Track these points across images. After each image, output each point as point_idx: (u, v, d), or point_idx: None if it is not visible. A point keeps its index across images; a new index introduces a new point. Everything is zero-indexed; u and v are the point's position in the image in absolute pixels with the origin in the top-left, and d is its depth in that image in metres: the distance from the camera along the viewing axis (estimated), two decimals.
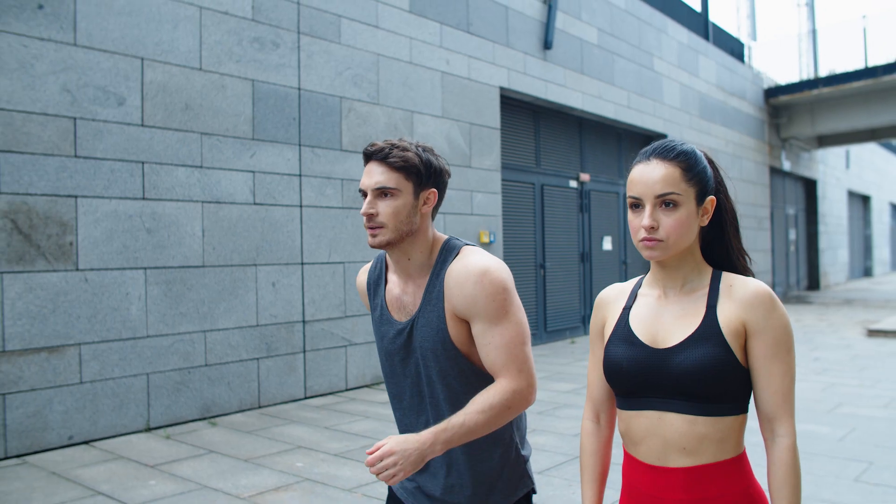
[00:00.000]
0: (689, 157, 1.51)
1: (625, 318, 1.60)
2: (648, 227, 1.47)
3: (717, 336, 1.47)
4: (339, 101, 6.91)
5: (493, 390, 1.72)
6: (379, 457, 1.59)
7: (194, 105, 5.80)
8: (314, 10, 6.70)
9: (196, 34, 5.83)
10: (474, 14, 8.53)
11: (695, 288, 1.55)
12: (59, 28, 5.06)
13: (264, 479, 4.39)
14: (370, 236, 1.78)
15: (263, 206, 6.25)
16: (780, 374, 1.46)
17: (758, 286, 1.49)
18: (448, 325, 1.78)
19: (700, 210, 1.52)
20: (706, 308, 1.50)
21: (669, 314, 1.54)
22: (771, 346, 1.46)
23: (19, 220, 4.85)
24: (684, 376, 1.46)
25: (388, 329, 1.88)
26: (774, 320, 1.47)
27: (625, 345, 1.56)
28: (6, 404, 4.78)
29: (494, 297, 1.72)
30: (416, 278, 1.85)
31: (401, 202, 1.75)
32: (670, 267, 1.56)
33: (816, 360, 8.76)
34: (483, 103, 8.60)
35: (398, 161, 1.73)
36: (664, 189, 1.46)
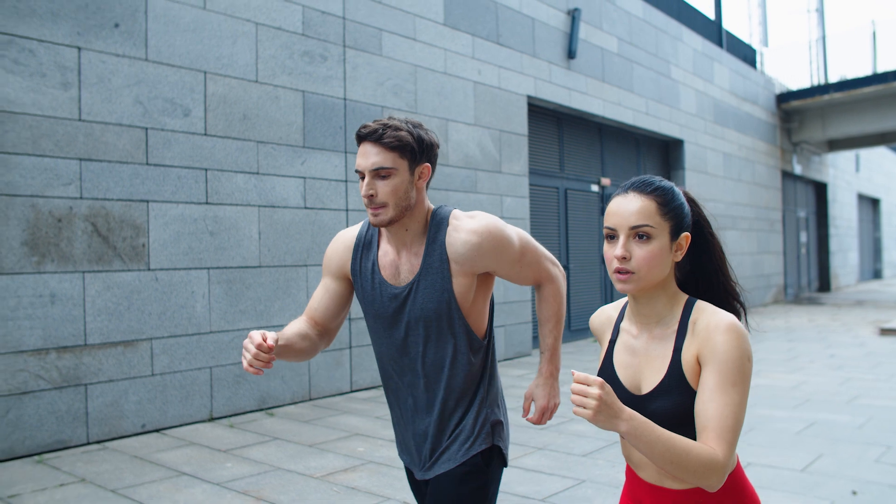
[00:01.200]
0: (666, 192, 1.55)
1: (609, 356, 1.67)
2: (620, 256, 1.50)
3: (681, 384, 1.50)
4: (381, 110, 7.29)
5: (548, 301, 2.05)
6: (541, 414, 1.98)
7: (251, 115, 6.18)
8: (358, 25, 7.09)
9: (252, 49, 6.21)
10: (503, 26, 8.91)
11: (666, 325, 1.58)
12: (132, 45, 5.45)
13: (331, 461, 4.76)
14: (372, 215, 1.84)
15: (313, 209, 6.63)
16: (721, 407, 1.43)
17: (718, 319, 1.49)
18: (454, 287, 1.89)
19: (674, 245, 1.54)
20: (672, 352, 1.54)
21: (644, 357, 1.59)
22: (716, 377, 1.44)
23: (98, 223, 5.24)
24: (658, 422, 1.49)
25: (383, 293, 1.95)
26: (724, 353, 1.45)
27: (610, 386, 1.60)
28: (88, 394, 5.16)
29: (506, 244, 1.90)
30: (412, 246, 1.93)
31: (398, 180, 1.82)
32: (643, 302, 1.59)
33: (832, 357, 9.09)
34: (512, 111, 8.97)
35: (392, 141, 1.79)
36: (638, 221, 1.50)
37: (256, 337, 1.73)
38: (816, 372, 8.06)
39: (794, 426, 5.64)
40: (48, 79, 5.02)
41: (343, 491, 4.19)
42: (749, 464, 4.67)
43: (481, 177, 8.48)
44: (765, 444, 5.11)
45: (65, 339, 5.05)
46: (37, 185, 4.94)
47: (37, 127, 4.95)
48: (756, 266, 16.15)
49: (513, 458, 4.76)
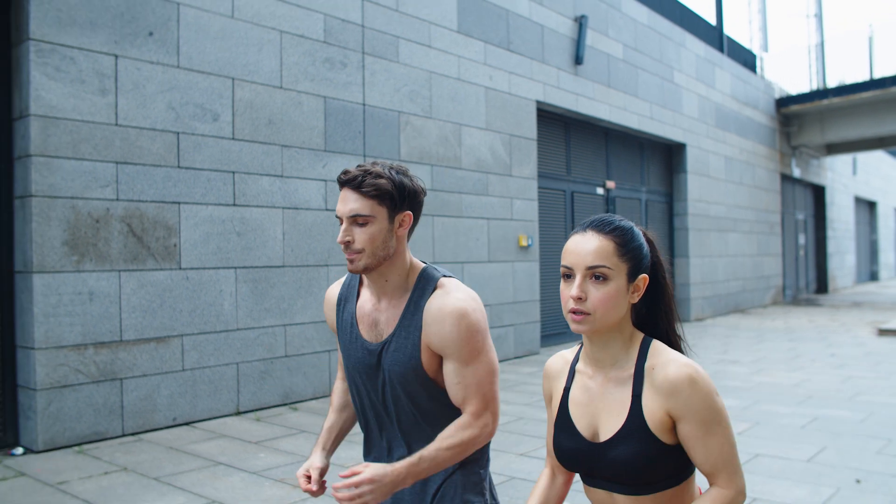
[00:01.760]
0: (625, 233, 1.53)
1: (565, 403, 1.63)
2: (576, 297, 1.48)
3: (642, 431, 1.49)
4: (398, 115, 7.52)
5: (461, 426, 1.80)
6: (356, 483, 1.65)
7: (276, 120, 6.41)
8: (376, 32, 7.31)
9: (277, 56, 6.44)
10: (514, 33, 9.15)
11: (622, 368, 1.56)
12: (165, 52, 5.67)
13: (357, 452, 4.96)
14: (348, 262, 1.82)
15: (334, 211, 6.84)
16: (716, 446, 1.48)
17: (676, 372, 1.49)
18: (422, 354, 1.84)
19: (631, 287, 1.53)
20: (631, 398, 1.52)
21: (601, 402, 1.57)
22: (699, 427, 1.47)
23: (133, 224, 5.46)
24: (618, 470, 1.50)
25: (358, 347, 1.93)
26: (696, 403, 1.46)
27: (567, 436, 1.60)
28: (123, 388, 5.37)
29: (469, 340, 1.79)
30: (392, 298, 1.89)
31: (376, 228, 1.78)
32: (598, 345, 1.57)
33: (833, 356, 9.34)
34: (522, 116, 9.21)
35: (371, 189, 1.76)
36: (595, 261, 1.48)
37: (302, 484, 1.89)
38: (818, 371, 8.30)
39: (799, 421, 5.88)
40: (87, 85, 5.24)
41: None
42: (757, 455, 4.90)
43: (492, 180, 8.72)
44: (771, 438, 5.34)
45: (102, 335, 5.27)
46: (76, 187, 5.16)
47: (76, 131, 5.17)
48: (756, 268, 16.41)
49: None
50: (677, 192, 13.63)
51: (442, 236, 7.97)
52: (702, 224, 13.93)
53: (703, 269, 13.95)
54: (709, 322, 13.71)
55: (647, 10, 12.22)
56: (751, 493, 4.14)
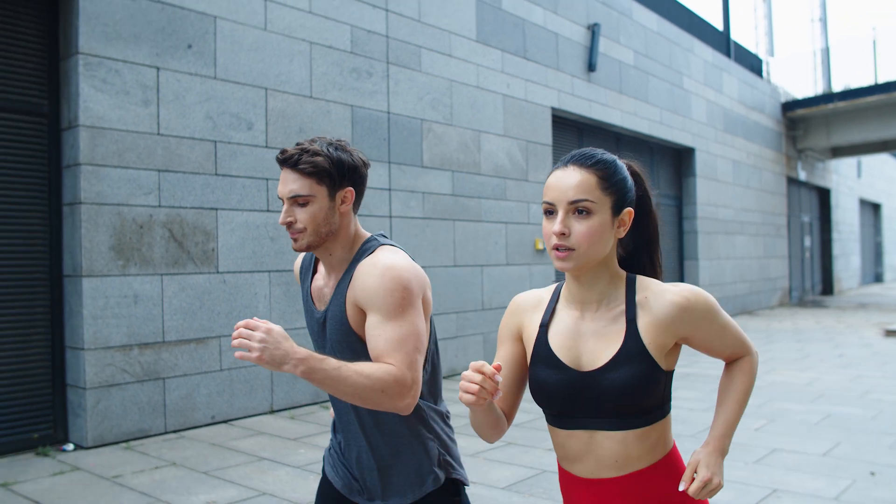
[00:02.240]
0: (608, 165, 1.48)
1: (543, 339, 1.56)
2: (559, 232, 1.44)
3: (641, 353, 1.47)
4: (420, 122, 7.75)
5: (378, 365, 1.69)
6: (253, 326, 1.55)
7: (306, 128, 6.64)
8: (400, 42, 7.55)
9: (307, 66, 6.67)
10: (530, 41, 9.38)
11: (612, 303, 1.53)
12: (203, 64, 5.91)
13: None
14: (292, 241, 1.82)
15: (361, 216, 7.06)
16: (730, 334, 1.57)
17: (672, 300, 1.50)
18: (348, 317, 1.82)
19: (616, 221, 1.49)
20: (626, 323, 1.49)
21: (590, 334, 1.52)
22: (712, 329, 1.54)
23: (174, 229, 5.69)
24: (615, 396, 1.46)
25: (310, 317, 1.96)
26: (702, 314, 1.51)
27: (549, 369, 1.53)
28: (165, 387, 5.61)
29: (392, 293, 1.73)
30: (337, 271, 1.90)
31: (316, 207, 1.78)
32: (585, 283, 1.53)
33: (841, 357, 9.55)
34: (537, 122, 9.44)
35: (308, 167, 1.75)
36: (577, 195, 1.44)
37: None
38: (827, 370, 8.51)
39: (812, 418, 6.09)
40: (131, 96, 5.47)
41: None
42: (774, 450, 5.12)
43: (510, 185, 8.94)
44: (787, 433, 5.56)
45: (146, 336, 5.50)
46: (122, 194, 5.39)
47: (122, 141, 5.41)
48: (762, 270, 16.62)
49: None
50: (686, 196, 13.85)
51: (462, 240, 8.19)
52: (710, 227, 14.16)
53: (711, 272, 14.17)
54: None
55: (657, 17, 12.45)
56: (771, 485, 4.36)
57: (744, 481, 4.44)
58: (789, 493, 4.21)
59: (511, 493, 4.30)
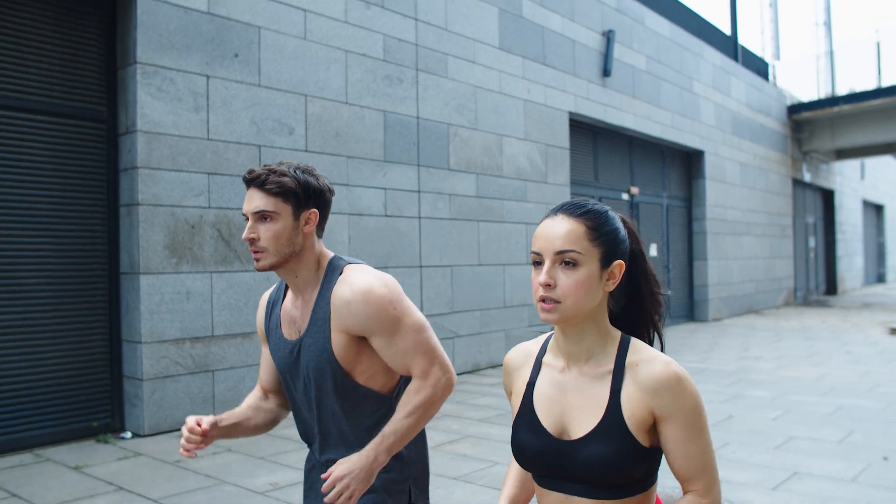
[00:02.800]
0: (598, 216, 1.45)
1: (529, 398, 1.53)
2: (544, 283, 1.40)
3: (621, 429, 1.41)
4: (447, 127, 8.07)
5: (413, 391, 1.82)
6: (331, 484, 1.72)
7: (342, 133, 6.96)
8: (428, 50, 7.87)
9: (343, 73, 6.99)
10: (549, 48, 9.70)
11: (599, 363, 1.47)
12: (248, 72, 6.23)
13: (436, 435, 5.52)
14: (255, 260, 1.84)
15: (392, 217, 7.40)
16: (698, 452, 1.42)
17: (663, 370, 1.42)
18: (333, 346, 1.84)
19: (605, 274, 1.44)
20: (610, 394, 1.44)
21: (574, 397, 1.47)
22: (683, 429, 1.41)
23: (222, 229, 6.01)
24: (589, 470, 1.42)
25: (281, 347, 1.94)
26: (684, 404, 1.40)
27: (530, 433, 1.50)
28: (214, 379, 5.92)
29: (383, 313, 1.80)
30: (305, 294, 1.91)
31: (280, 225, 1.80)
32: (571, 337, 1.48)
33: (848, 353, 9.86)
34: (556, 127, 9.76)
35: (274, 187, 1.79)
36: (564, 245, 1.40)
37: (190, 421, 1.82)
38: (836, 366, 8.82)
39: (825, 409, 6.40)
40: (183, 103, 5.79)
41: (457, 458, 4.96)
42: (792, 437, 5.43)
43: (530, 187, 9.26)
44: (803, 423, 5.87)
45: (197, 331, 5.82)
46: (175, 196, 5.71)
47: (175, 145, 5.72)
48: (768, 270, 16.95)
49: None
50: (696, 198, 14.17)
51: (486, 241, 8.51)
52: (719, 228, 14.47)
53: (719, 271, 14.49)
54: (726, 322, 14.24)
55: (669, 23, 12.78)
56: (793, 468, 4.67)
57: (766, 465, 4.75)
58: (810, 475, 4.52)
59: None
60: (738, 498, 4.14)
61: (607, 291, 1.46)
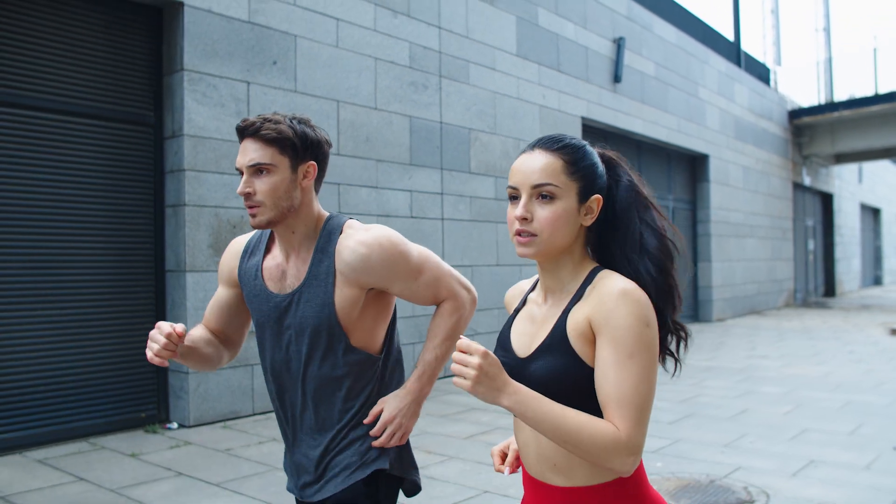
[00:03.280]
0: (576, 150, 1.43)
1: (509, 323, 1.56)
2: (521, 217, 1.38)
3: (562, 343, 1.38)
4: (468, 132, 8.35)
5: (443, 316, 1.84)
6: (382, 426, 1.65)
7: (372, 137, 7.24)
8: (450, 57, 8.16)
9: (372, 80, 7.27)
10: (563, 55, 10.00)
11: (567, 292, 1.45)
12: (285, 79, 6.50)
13: (465, 427, 5.80)
14: (250, 216, 1.73)
15: (417, 218, 7.68)
16: (621, 381, 1.29)
17: (610, 284, 1.36)
18: (336, 301, 1.76)
19: (583, 208, 1.42)
20: (560, 314, 1.42)
21: (540, 325, 1.47)
22: (612, 348, 1.31)
23: None
24: (538, 386, 1.36)
25: (262, 299, 1.84)
26: (617, 318, 1.31)
27: (501, 350, 1.51)
28: (253, 373, 6.19)
29: (403, 257, 1.79)
30: (301, 251, 1.82)
31: (278, 178, 1.71)
32: (547, 270, 1.47)
33: (851, 353, 10.17)
34: (570, 131, 10.06)
35: (271, 133, 1.69)
36: (541, 179, 1.38)
37: (166, 327, 1.67)
38: (840, 365, 9.12)
39: (834, 404, 6.70)
40: (226, 108, 6.06)
41: (489, 447, 5.24)
42: (806, 429, 5.72)
43: None
44: (814, 417, 6.17)
45: None
46: (218, 197, 5.98)
47: (218, 149, 5.99)
48: (770, 271, 17.29)
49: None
50: (700, 201, 14.49)
51: (504, 241, 8.80)
52: (722, 230, 14.79)
53: (723, 273, 14.81)
54: (729, 322, 14.56)
55: (676, 29, 13.09)
56: (808, 457, 4.96)
57: (784, 454, 5.04)
58: (825, 464, 4.82)
59: None
60: (761, 482, 4.43)
61: (585, 226, 1.45)
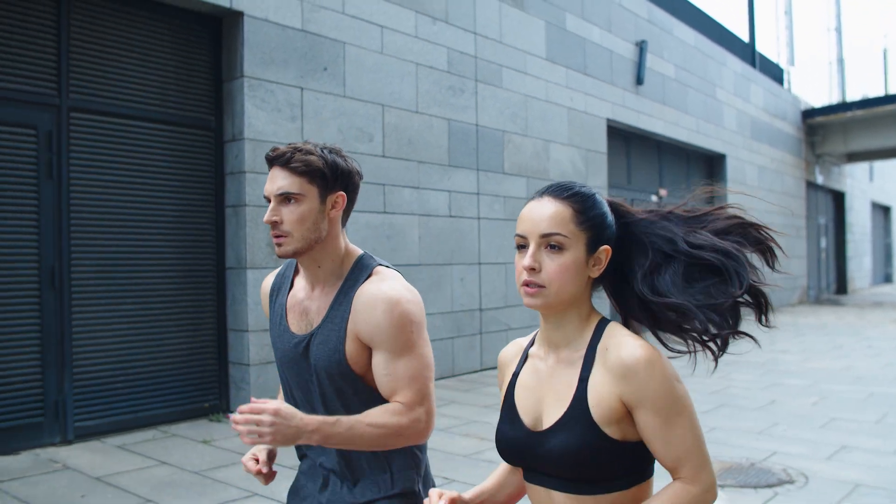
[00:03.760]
0: (585, 199, 1.40)
1: (511, 390, 1.50)
2: (528, 267, 1.35)
3: (585, 419, 1.34)
4: (502, 134, 8.67)
5: (391, 410, 1.62)
6: (259, 410, 1.47)
7: (414, 140, 7.56)
8: (485, 62, 8.47)
9: (414, 85, 7.59)
10: (589, 59, 10.31)
11: (574, 349, 1.42)
12: (335, 84, 6.82)
13: None
14: (276, 245, 1.70)
15: (455, 218, 8.00)
16: (678, 438, 1.31)
17: (630, 353, 1.33)
18: (346, 347, 1.69)
19: (591, 259, 1.39)
20: (577, 382, 1.38)
21: (549, 385, 1.42)
22: (657, 415, 1.31)
23: None
24: (557, 463, 1.36)
25: (285, 340, 1.79)
26: (653, 388, 1.31)
27: (507, 424, 1.46)
28: None
29: (402, 329, 1.65)
30: (325, 287, 1.76)
31: (306, 207, 1.67)
32: (552, 323, 1.43)
33: (869, 348, 10.47)
34: (595, 133, 10.37)
35: (300, 165, 1.67)
36: (549, 228, 1.35)
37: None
38: (859, 358, 9.43)
39: (858, 395, 7.00)
40: (282, 113, 6.38)
41: None
42: (833, 419, 6.03)
43: None
44: (840, 407, 6.47)
45: None
46: None
47: None
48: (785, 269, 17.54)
49: None
50: (718, 200, 14.70)
51: None
52: None
53: None
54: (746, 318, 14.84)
55: (695, 32, 13.38)
56: (840, 443, 5.27)
57: (816, 440, 5.35)
58: (857, 449, 5.12)
59: None
60: (798, 465, 4.74)
61: (592, 277, 1.43)
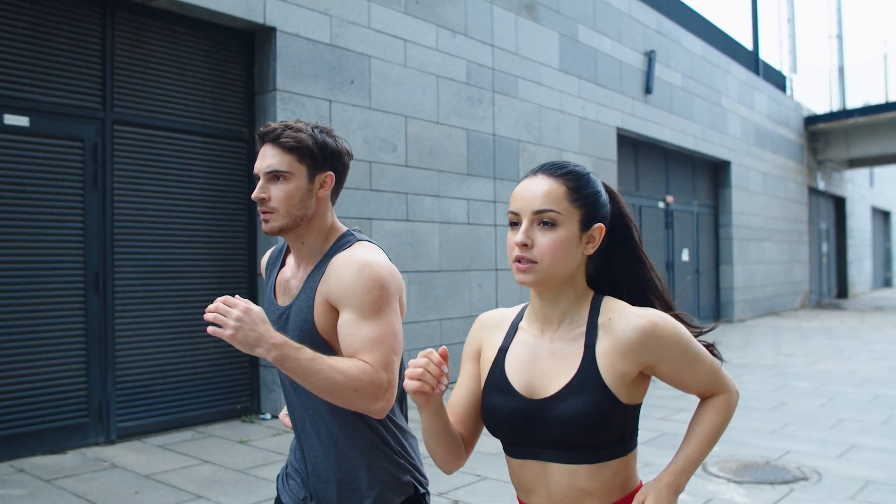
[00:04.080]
0: (579, 177, 1.41)
1: (500, 363, 1.47)
2: (521, 243, 1.36)
3: (596, 382, 1.36)
4: (517, 143, 8.92)
5: (358, 365, 1.58)
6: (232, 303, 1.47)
7: (435, 150, 7.81)
8: (502, 73, 8.73)
9: (435, 96, 7.84)
10: (600, 69, 10.57)
11: (573, 325, 1.43)
12: (362, 97, 7.07)
13: None
14: (263, 222, 1.72)
15: (474, 225, 8.25)
16: (702, 367, 1.45)
17: (639, 322, 1.38)
18: (315, 315, 1.69)
19: (584, 237, 1.40)
20: (584, 349, 1.39)
21: (547, 356, 1.43)
22: (680, 360, 1.41)
23: None
24: (565, 428, 1.36)
25: (272, 314, 1.80)
26: (669, 342, 1.38)
27: (500, 395, 1.44)
28: None
29: (370, 291, 1.63)
30: (307, 263, 1.78)
31: (293, 186, 1.69)
32: (547, 299, 1.44)
33: (873, 351, 10.72)
34: (606, 141, 10.63)
35: (290, 141, 1.68)
36: (543, 205, 1.36)
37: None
38: (863, 362, 9.68)
39: (864, 397, 7.25)
40: None
41: None
42: (842, 419, 6.28)
43: None
44: (847, 408, 6.73)
45: None
46: None
47: None
48: (787, 274, 17.84)
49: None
50: (723, 206, 15.05)
51: None
52: (743, 234, 15.35)
53: (744, 275, 15.37)
54: (751, 323, 15.10)
55: (701, 42, 13.65)
56: (849, 442, 5.52)
57: (826, 440, 5.60)
58: (866, 448, 5.37)
59: None
60: (811, 464, 4.99)
61: (586, 255, 1.43)
